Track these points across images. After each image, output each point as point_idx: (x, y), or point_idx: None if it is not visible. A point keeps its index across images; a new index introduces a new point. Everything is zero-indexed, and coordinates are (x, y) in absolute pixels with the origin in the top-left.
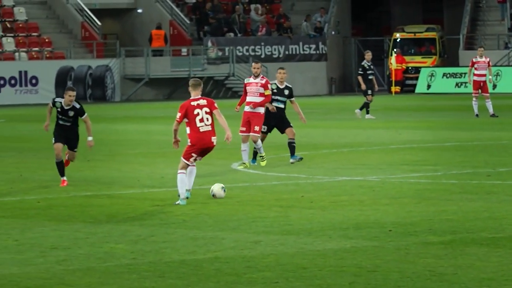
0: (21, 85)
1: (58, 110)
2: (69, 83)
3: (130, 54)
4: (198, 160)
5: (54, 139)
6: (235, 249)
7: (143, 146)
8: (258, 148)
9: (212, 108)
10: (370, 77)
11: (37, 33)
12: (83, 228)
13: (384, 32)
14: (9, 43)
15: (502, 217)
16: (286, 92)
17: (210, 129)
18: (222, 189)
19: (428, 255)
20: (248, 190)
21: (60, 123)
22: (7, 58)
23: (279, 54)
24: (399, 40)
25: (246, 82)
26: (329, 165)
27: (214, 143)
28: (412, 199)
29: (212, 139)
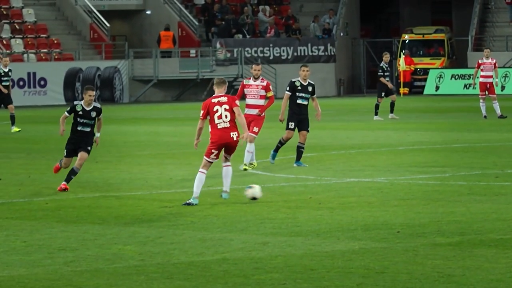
0: (29, 87)
1: (80, 113)
2: (78, 85)
3: (139, 55)
4: (227, 158)
5: (66, 153)
6: (243, 251)
7: (151, 148)
8: (251, 152)
9: (233, 105)
10: (387, 79)
11: (46, 35)
12: (91, 229)
13: (393, 34)
14: (17, 45)
15: (510, 218)
16: (310, 88)
17: (229, 125)
18: (260, 190)
19: (436, 257)
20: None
21: (79, 129)
22: (16, 59)
23: (288, 55)
24: (408, 41)
25: (245, 84)
26: (337, 166)
27: (234, 139)
28: (421, 201)
29: (231, 135)
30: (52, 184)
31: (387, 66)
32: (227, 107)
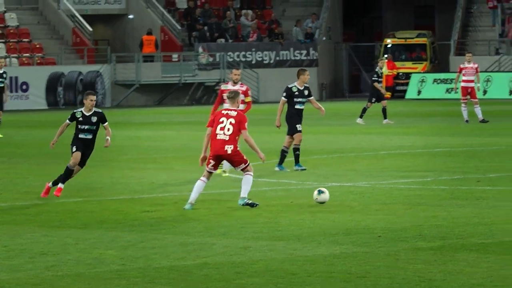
0: (11, 91)
1: (80, 120)
2: (60, 89)
3: (121, 60)
4: (243, 169)
5: (76, 148)
6: (225, 255)
7: (133, 152)
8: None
9: (241, 128)
10: (380, 85)
11: (28, 39)
12: (73, 234)
13: (375, 38)
14: (0, 49)
15: (491, 222)
16: (306, 92)
17: (227, 138)
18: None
19: (418, 261)
20: (237, 196)
21: (81, 137)
22: None
23: (270, 59)
24: (390, 46)
25: (223, 89)
26: (319, 171)
27: (228, 152)
28: (402, 205)
29: (226, 148)
30: (34, 189)
31: (381, 71)
32: (233, 121)
